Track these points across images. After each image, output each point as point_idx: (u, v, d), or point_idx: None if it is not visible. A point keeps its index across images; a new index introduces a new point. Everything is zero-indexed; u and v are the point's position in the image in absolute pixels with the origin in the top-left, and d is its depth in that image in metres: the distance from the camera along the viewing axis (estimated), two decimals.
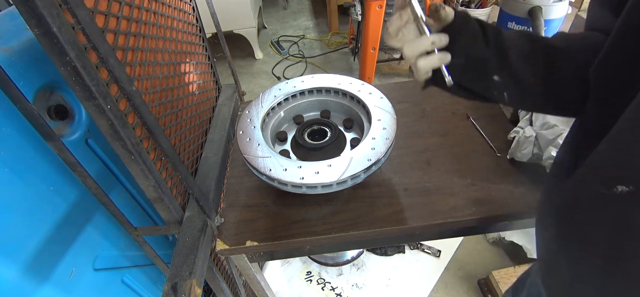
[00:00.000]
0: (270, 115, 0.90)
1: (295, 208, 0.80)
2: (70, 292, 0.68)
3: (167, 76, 0.77)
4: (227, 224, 0.79)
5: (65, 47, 0.38)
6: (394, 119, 0.78)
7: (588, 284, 0.44)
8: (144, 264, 0.90)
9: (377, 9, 1.95)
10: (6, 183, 0.57)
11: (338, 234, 0.74)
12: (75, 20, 0.41)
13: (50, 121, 0.65)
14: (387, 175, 0.84)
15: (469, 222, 0.75)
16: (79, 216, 0.71)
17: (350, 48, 2.82)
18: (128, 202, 0.83)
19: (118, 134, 0.48)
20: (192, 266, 0.62)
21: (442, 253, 1.51)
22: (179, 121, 0.80)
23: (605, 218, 0.39)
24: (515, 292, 0.81)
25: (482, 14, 2.45)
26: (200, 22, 1.03)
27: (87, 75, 0.41)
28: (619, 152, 0.37)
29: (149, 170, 0.55)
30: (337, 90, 0.91)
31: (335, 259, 1.52)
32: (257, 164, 0.72)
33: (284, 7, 3.93)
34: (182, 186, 0.75)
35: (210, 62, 1.10)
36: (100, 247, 0.76)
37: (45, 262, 0.64)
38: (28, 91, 0.59)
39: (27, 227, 0.61)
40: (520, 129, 0.84)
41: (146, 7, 0.71)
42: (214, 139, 0.95)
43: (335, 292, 1.44)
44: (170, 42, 0.81)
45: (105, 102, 0.45)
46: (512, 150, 0.83)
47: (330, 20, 3.24)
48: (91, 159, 0.72)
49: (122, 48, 0.60)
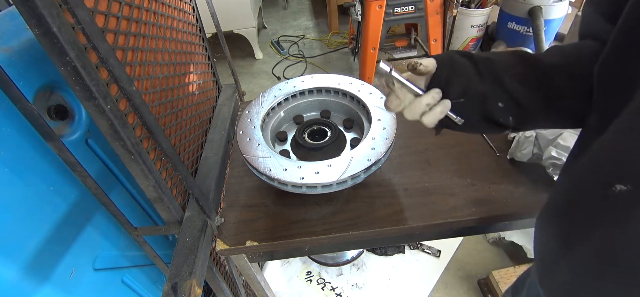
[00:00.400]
0: (270, 115, 0.90)
1: (295, 208, 0.80)
2: (70, 292, 0.68)
3: (167, 76, 0.77)
4: (227, 224, 0.79)
5: (65, 47, 0.38)
6: (394, 119, 0.78)
7: (587, 285, 0.44)
8: (144, 264, 0.90)
9: (377, 9, 1.95)
10: (6, 183, 0.57)
11: (338, 234, 0.74)
12: (75, 20, 0.41)
13: (50, 121, 0.65)
14: (387, 175, 0.84)
15: (469, 222, 0.75)
16: (79, 216, 0.71)
17: (350, 48, 2.82)
18: (128, 202, 0.83)
19: (118, 134, 0.48)
20: (192, 266, 0.62)
21: (442, 253, 1.51)
22: (179, 121, 0.80)
23: (604, 217, 0.39)
24: (515, 292, 0.81)
25: (482, 14, 2.45)
26: (200, 22, 1.03)
27: (87, 75, 0.41)
28: (618, 152, 0.37)
29: (149, 170, 0.55)
30: (337, 90, 0.91)
31: (335, 259, 1.52)
32: (257, 164, 0.72)
33: (284, 7, 3.93)
34: (182, 186, 0.75)
35: (210, 62, 1.10)
36: (100, 247, 0.76)
37: (45, 262, 0.64)
38: (28, 91, 0.59)
39: (27, 227, 0.61)
40: None
41: (146, 7, 0.71)
42: (214, 139, 0.95)
43: (335, 292, 1.44)
44: (170, 42, 0.81)
45: (105, 102, 0.45)
46: (512, 150, 0.83)
47: (330, 20, 3.24)
48: (91, 159, 0.72)
49: (122, 48, 0.60)
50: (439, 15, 2.03)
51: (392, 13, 1.98)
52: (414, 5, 1.98)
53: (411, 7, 1.98)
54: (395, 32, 2.74)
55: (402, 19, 2.03)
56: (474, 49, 2.66)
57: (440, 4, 2.00)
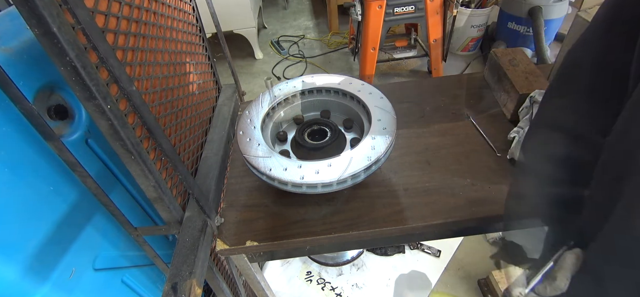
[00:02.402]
0: (270, 115, 0.90)
1: (295, 208, 0.80)
2: (70, 292, 0.68)
3: (167, 76, 0.77)
4: (227, 224, 0.79)
5: (65, 47, 0.38)
6: (394, 119, 0.78)
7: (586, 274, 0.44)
8: (144, 264, 0.90)
9: (377, 9, 1.95)
10: (6, 183, 0.57)
11: (338, 234, 0.74)
12: (75, 20, 0.41)
13: (50, 121, 0.65)
14: (387, 175, 0.84)
15: (469, 222, 0.75)
16: (79, 216, 0.71)
17: (350, 48, 2.82)
18: (128, 202, 0.83)
19: (118, 134, 0.48)
20: (192, 266, 0.62)
21: (442, 253, 1.51)
22: (179, 121, 0.80)
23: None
24: None
25: (482, 14, 2.45)
26: (200, 22, 1.03)
27: (87, 75, 0.41)
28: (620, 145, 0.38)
29: (149, 170, 0.55)
30: (337, 90, 0.91)
31: (335, 259, 1.52)
32: (257, 163, 0.72)
33: (284, 7, 3.93)
34: (182, 186, 0.75)
35: (210, 62, 1.10)
36: (100, 247, 0.76)
37: (45, 262, 0.64)
38: (28, 91, 0.59)
39: (27, 227, 0.61)
40: (520, 129, 0.84)
41: (146, 7, 0.71)
42: (214, 139, 0.95)
43: (335, 292, 1.44)
44: (170, 42, 0.81)
45: (105, 102, 0.45)
46: (512, 150, 0.83)
47: (330, 20, 3.24)
48: (91, 159, 0.72)
49: (122, 48, 0.60)
50: (439, 15, 2.03)
51: (392, 13, 1.98)
52: (414, 5, 1.98)
53: (411, 7, 1.98)
54: (395, 32, 2.74)
55: (402, 19, 2.03)
56: (474, 49, 2.66)
57: (440, 4, 2.00)
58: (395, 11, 1.98)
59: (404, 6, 1.98)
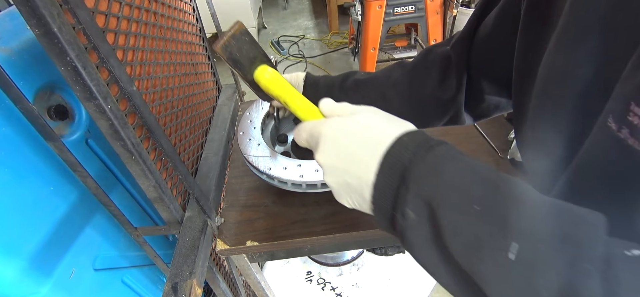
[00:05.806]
0: (271, 115, 0.89)
1: (295, 208, 0.80)
2: (70, 292, 0.68)
3: (168, 76, 0.77)
4: (227, 224, 0.79)
5: (66, 47, 0.38)
6: None
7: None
8: (144, 264, 0.90)
9: (377, 9, 1.95)
10: (6, 183, 0.57)
11: (338, 234, 0.74)
12: (76, 20, 0.41)
13: (50, 121, 0.65)
14: None
15: None
16: (79, 216, 0.71)
17: (350, 48, 2.82)
18: (128, 202, 0.83)
19: (118, 134, 0.48)
20: (192, 266, 0.62)
21: None
22: (179, 121, 0.80)
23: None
24: None
25: None
26: (200, 22, 1.03)
27: (87, 76, 0.41)
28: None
29: (149, 170, 0.55)
30: None
31: (335, 259, 1.52)
32: (257, 163, 0.72)
33: (284, 7, 3.93)
34: (182, 186, 0.75)
35: (210, 62, 1.10)
36: (100, 247, 0.76)
37: (46, 263, 0.64)
38: (28, 91, 0.59)
39: (27, 227, 0.61)
40: None
41: (146, 7, 0.71)
42: (214, 139, 0.95)
43: (335, 292, 1.44)
44: (170, 42, 0.81)
45: (106, 103, 0.45)
46: (512, 150, 0.83)
47: (330, 20, 3.24)
48: (91, 159, 0.72)
49: (123, 48, 0.60)
50: (439, 15, 2.03)
51: (392, 13, 1.99)
52: (414, 5, 1.98)
53: (411, 7, 1.98)
54: (395, 32, 2.74)
55: (402, 19, 2.03)
56: None
57: (440, 4, 2.00)
58: (395, 11, 1.99)
59: (404, 6, 1.98)
